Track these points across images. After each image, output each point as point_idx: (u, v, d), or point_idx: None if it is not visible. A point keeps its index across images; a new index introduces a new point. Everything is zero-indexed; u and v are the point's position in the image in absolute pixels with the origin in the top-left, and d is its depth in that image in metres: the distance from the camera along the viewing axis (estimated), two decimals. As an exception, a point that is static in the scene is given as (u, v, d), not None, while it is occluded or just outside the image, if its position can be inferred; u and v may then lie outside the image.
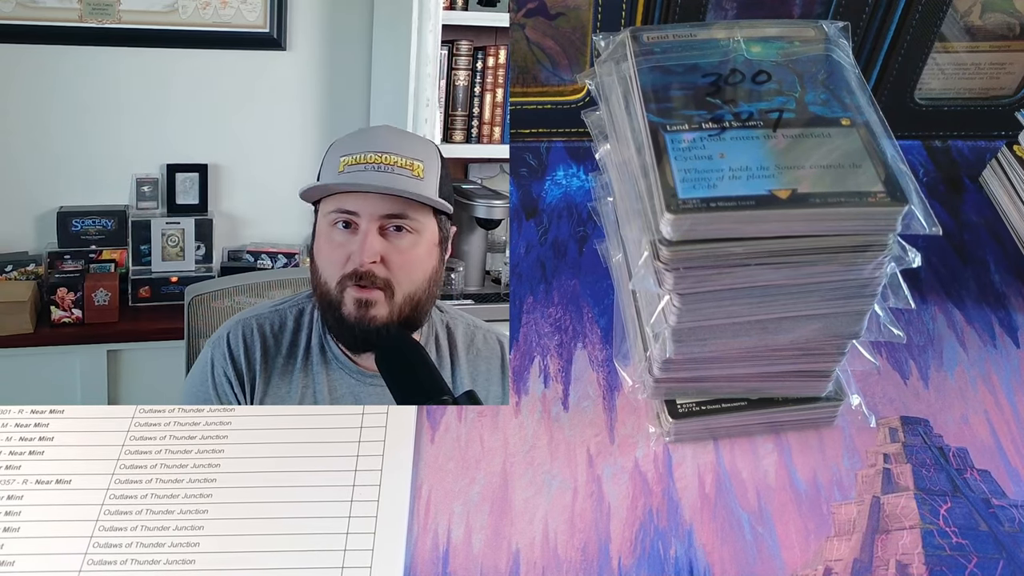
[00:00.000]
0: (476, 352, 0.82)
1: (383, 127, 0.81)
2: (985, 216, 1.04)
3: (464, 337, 0.82)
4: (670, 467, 0.79)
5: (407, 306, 0.75)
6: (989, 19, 1.06)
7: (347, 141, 0.78)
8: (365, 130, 0.82)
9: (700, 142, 0.64)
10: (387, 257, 0.74)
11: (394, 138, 0.77)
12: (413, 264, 0.75)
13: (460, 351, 0.82)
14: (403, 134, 0.80)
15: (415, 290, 0.75)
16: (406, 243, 0.75)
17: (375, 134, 0.79)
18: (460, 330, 0.82)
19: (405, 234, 0.75)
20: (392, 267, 0.74)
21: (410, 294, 0.75)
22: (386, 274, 0.74)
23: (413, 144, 0.77)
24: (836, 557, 0.72)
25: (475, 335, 0.83)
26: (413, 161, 0.75)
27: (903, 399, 0.85)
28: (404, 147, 0.76)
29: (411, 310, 0.75)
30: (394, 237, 0.74)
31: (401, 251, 0.74)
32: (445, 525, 0.76)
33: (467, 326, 0.83)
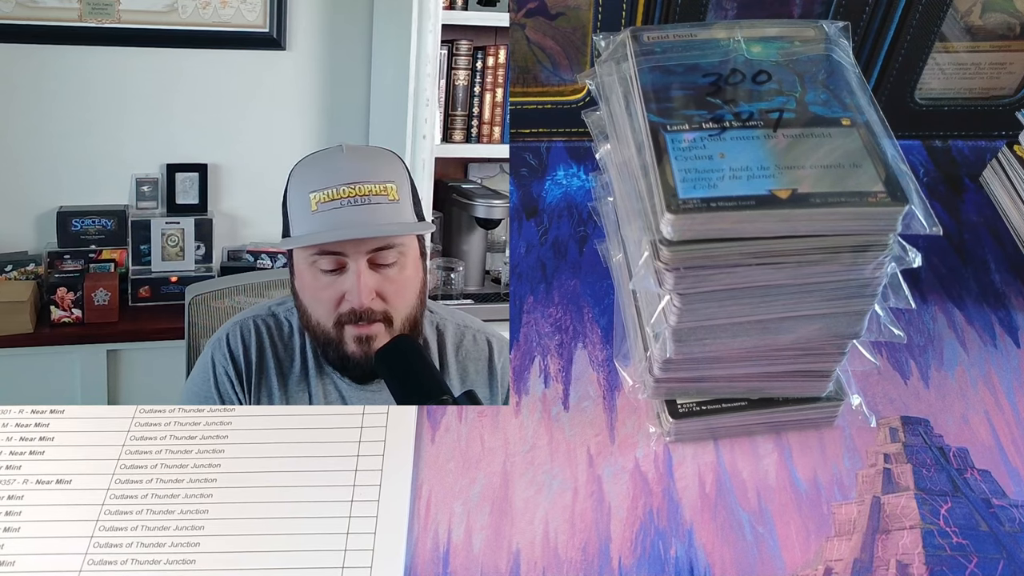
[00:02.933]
0: (465, 353, 0.82)
1: (342, 150, 0.76)
2: (985, 216, 1.04)
3: (453, 339, 0.82)
4: (670, 467, 0.79)
5: (405, 327, 0.75)
6: (989, 19, 1.06)
7: (311, 172, 0.74)
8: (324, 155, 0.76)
9: (700, 142, 0.64)
10: (382, 290, 0.73)
11: (360, 162, 0.74)
12: (405, 288, 0.75)
13: (449, 353, 0.82)
14: (365, 153, 0.77)
15: (410, 311, 0.75)
16: (395, 271, 0.74)
17: (339, 161, 0.75)
18: (450, 331, 0.82)
19: (393, 263, 0.74)
20: (388, 298, 0.74)
21: (406, 317, 0.75)
22: (384, 307, 0.73)
23: (379, 163, 0.75)
24: (836, 557, 0.72)
25: (464, 336, 0.83)
26: (385, 184, 0.73)
27: (903, 399, 0.85)
28: (373, 171, 0.73)
29: (409, 329, 0.76)
30: (383, 269, 0.73)
31: (393, 280, 0.74)
32: (445, 525, 0.76)
33: (457, 327, 0.83)
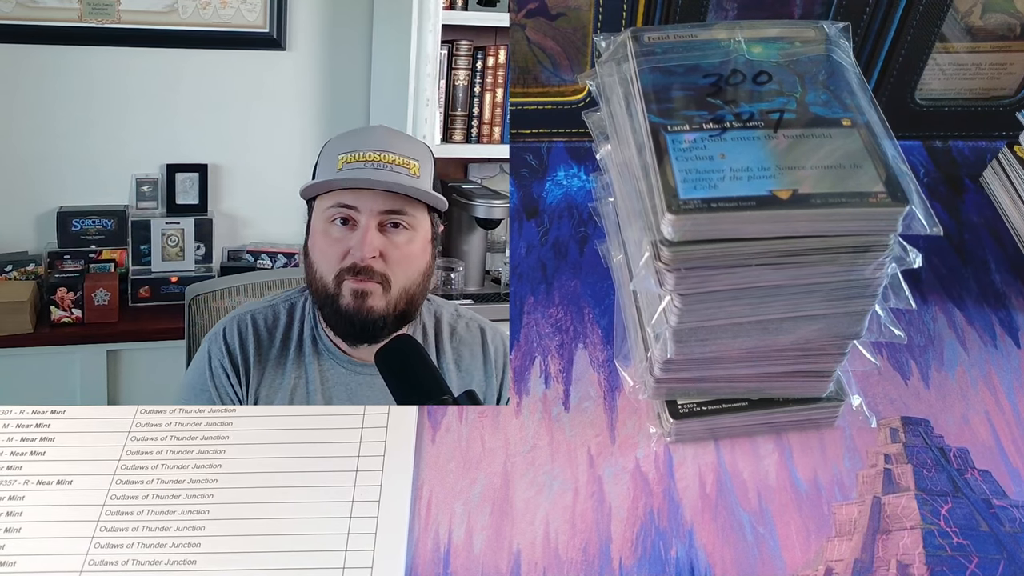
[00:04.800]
0: (459, 339, 0.85)
1: (378, 127, 0.84)
2: (986, 216, 1.04)
3: (448, 325, 0.85)
4: (671, 467, 0.79)
5: (402, 300, 0.77)
6: (990, 19, 1.06)
7: (343, 140, 0.79)
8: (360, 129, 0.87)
9: (701, 142, 0.64)
10: (385, 252, 0.76)
11: (390, 137, 0.79)
12: (409, 259, 0.77)
13: (444, 338, 0.84)
14: (398, 133, 0.82)
15: (410, 284, 0.78)
16: (403, 239, 0.77)
17: (371, 133, 0.81)
18: (445, 318, 0.85)
19: (402, 230, 0.77)
20: (390, 262, 0.76)
21: (405, 288, 0.77)
22: (384, 268, 0.76)
23: (408, 144, 0.80)
24: (837, 557, 0.73)
25: (457, 323, 0.85)
26: (409, 160, 0.77)
27: (904, 399, 0.85)
28: (400, 146, 0.78)
29: (406, 303, 0.78)
30: (392, 233, 0.77)
31: (398, 247, 0.77)
32: (446, 525, 0.76)
33: (451, 314, 0.86)
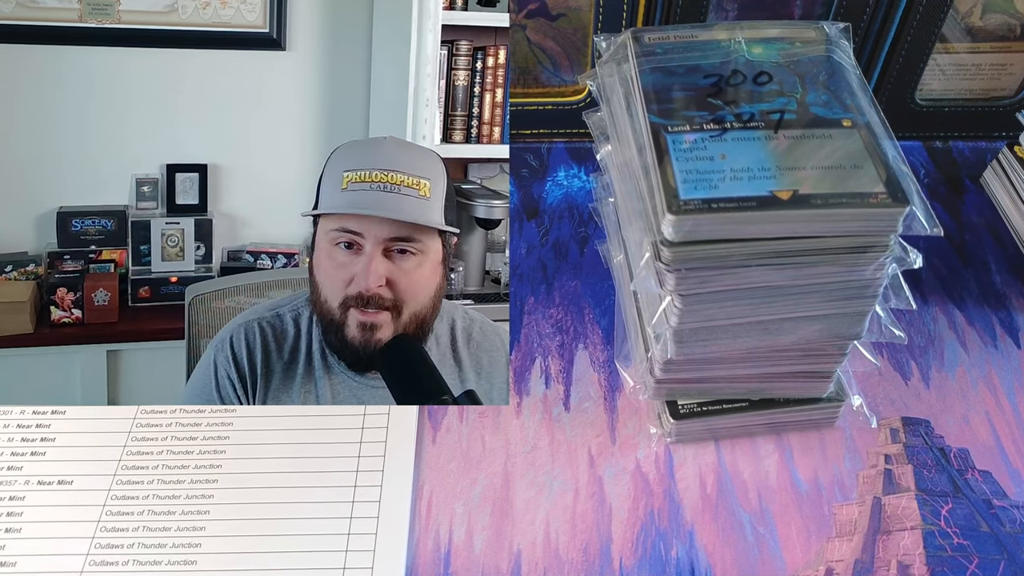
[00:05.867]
0: (476, 345, 0.83)
1: (388, 139, 0.78)
2: (986, 217, 1.04)
3: (463, 332, 0.82)
4: (671, 468, 0.79)
5: (412, 324, 0.75)
6: (990, 20, 1.06)
7: (350, 152, 0.76)
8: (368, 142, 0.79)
9: (701, 143, 0.64)
10: (392, 279, 0.73)
11: (399, 153, 0.75)
12: (418, 285, 0.74)
13: (460, 346, 0.82)
14: (408, 147, 0.78)
15: (420, 309, 0.75)
16: (411, 264, 0.74)
17: (379, 148, 0.76)
18: (459, 325, 0.83)
19: (410, 256, 0.74)
20: (398, 289, 0.73)
21: (415, 313, 0.75)
22: (392, 296, 0.73)
23: (418, 159, 0.75)
24: (837, 558, 0.73)
25: (472, 329, 0.83)
26: (419, 180, 0.73)
27: (904, 400, 0.85)
28: (409, 164, 0.74)
29: (416, 327, 0.75)
30: (399, 259, 0.73)
31: (406, 272, 0.74)
32: (446, 526, 0.76)
33: (464, 320, 0.83)
